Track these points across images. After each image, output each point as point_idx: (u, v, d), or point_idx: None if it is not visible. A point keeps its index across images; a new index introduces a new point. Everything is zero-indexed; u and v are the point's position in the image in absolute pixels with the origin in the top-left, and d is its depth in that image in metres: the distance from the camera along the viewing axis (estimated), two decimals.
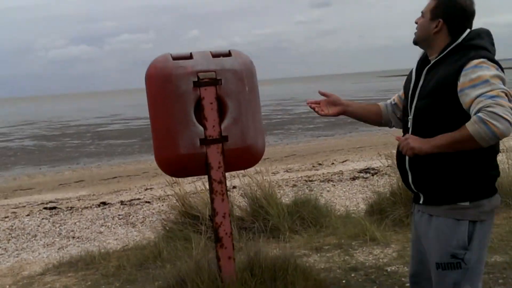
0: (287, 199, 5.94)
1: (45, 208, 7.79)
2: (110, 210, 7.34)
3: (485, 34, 2.27)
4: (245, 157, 2.49)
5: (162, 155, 2.41)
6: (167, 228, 4.51)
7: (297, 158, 12.88)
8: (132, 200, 8.00)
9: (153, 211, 7.02)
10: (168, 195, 8.08)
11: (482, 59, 2.11)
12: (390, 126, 2.63)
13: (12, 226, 6.85)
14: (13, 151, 21.52)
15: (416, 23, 2.34)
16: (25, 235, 6.40)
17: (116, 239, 6.03)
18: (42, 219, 7.13)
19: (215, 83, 2.42)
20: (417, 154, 2.13)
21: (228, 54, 2.48)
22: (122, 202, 7.80)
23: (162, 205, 7.32)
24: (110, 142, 21.93)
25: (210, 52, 2.50)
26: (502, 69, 2.17)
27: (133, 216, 6.93)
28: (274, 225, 4.43)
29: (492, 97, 1.98)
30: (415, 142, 2.13)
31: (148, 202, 7.57)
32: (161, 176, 12.45)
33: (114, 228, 6.49)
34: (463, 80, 2.08)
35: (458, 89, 2.09)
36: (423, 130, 2.21)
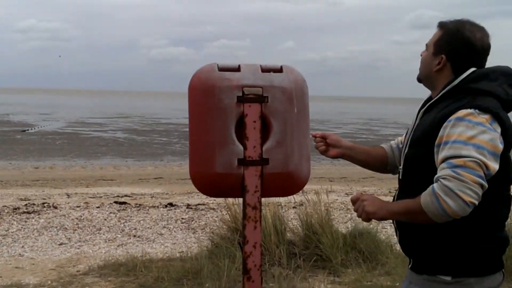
0: (347, 225, 5.59)
1: (115, 202, 7.92)
2: (175, 212, 7.32)
3: (499, 74, 1.83)
4: (286, 183, 2.23)
5: (197, 171, 2.22)
6: (214, 242, 4.33)
7: (375, 181, 12.33)
8: (198, 204, 7.95)
9: (216, 218, 6.90)
10: (234, 204, 7.99)
11: (471, 110, 1.71)
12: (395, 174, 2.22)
13: (81, 216, 7.01)
14: (106, 141, 22.56)
15: (421, 56, 1.98)
16: (91, 227, 6.51)
17: (174, 243, 5.96)
18: (110, 213, 7.24)
19: (261, 100, 2.19)
20: None
21: (279, 70, 2.24)
22: (188, 206, 7.77)
23: (226, 214, 7.18)
24: None
25: (260, 66, 2.27)
26: (506, 127, 1.74)
27: (196, 221, 6.86)
28: (326, 255, 4.11)
29: (455, 166, 1.64)
30: (371, 206, 1.82)
31: (213, 209, 7.47)
32: None
33: (174, 231, 6.44)
34: (441, 133, 1.73)
35: (436, 142, 1.75)
36: (411, 184, 1.88)
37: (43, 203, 7.76)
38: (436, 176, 1.67)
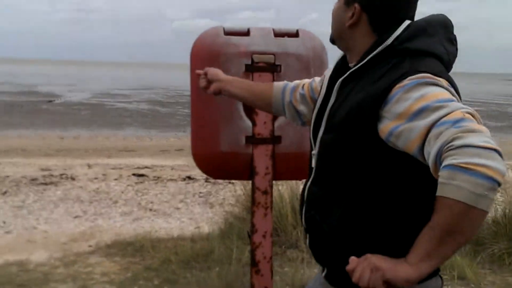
0: None
1: (133, 174, 7.74)
2: (193, 186, 7.09)
3: (438, 26, 1.36)
4: (300, 165, 1.93)
5: (199, 150, 1.94)
6: (227, 221, 4.08)
7: None
8: None
9: (234, 193, 6.66)
10: None
11: (422, 74, 1.23)
12: (288, 118, 1.80)
13: (98, 188, 6.84)
14: (130, 112, 22.47)
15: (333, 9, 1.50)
16: (107, 200, 6.33)
17: (191, 218, 5.75)
18: (128, 185, 7.05)
19: (273, 69, 1.89)
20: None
21: (295, 35, 1.93)
22: (207, 179, 7.53)
23: (240, 190, 6.95)
24: None
25: (273, 29, 1.96)
26: (456, 90, 1.28)
27: (214, 196, 6.62)
28: None
29: (455, 122, 1.10)
30: (392, 270, 1.15)
31: (232, 183, 7.22)
32: None
33: (191, 206, 6.22)
34: (396, 109, 1.21)
35: (389, 125, 1.22)
36: (329, 175, 1.38)
37: (62, 174, 7.62)
38: (434, 152, 1.10)
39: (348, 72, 1.38)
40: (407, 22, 1.34)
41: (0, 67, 79.94)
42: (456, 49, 1.38)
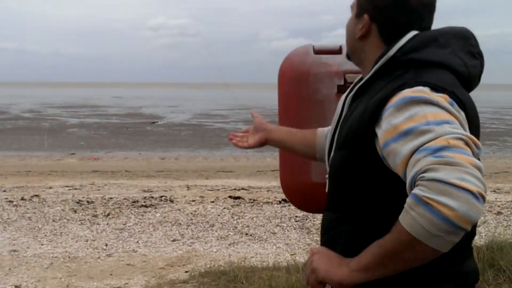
0: (480, 235, 4.78)
1: (230, 197, 7.73)
2: (289, 209, 6.92)
3: (453, 37, 1.25)
4: None
5: (289, 180, 1.77)
6: None
7: (510, 177, 10.95)
8: None
9: None
10: None
11: (419, 88, 1.13)
12: None
13: (196, 211, 6.88)
14: (227, 132, 22.80)
15: None
16: (204, 223, 6.34)
17: (287, 244, 5.58)
18: (224, 208, 7.04)
19: None
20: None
21: None
22: None
23: None
24: None
25: None
26: (469, 112, 1.16)
27: (311, 220, 6.40)
28: None
29: (436, 150, 1.02)
30: (322, 263, 1.23)
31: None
32: None
33: (288, 230, 6.05)
34: (385, 126, 1.14)
35: (380, 142, 1.15)
36: (342, 200, 1.30)
37: (161, 196, 7.79)
38: (409, 178, 1.05)
39: (356, 87, 1.33)
40: (413, 32, 1.26)
41: (110, 91, 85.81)
42: (481, 64, 1.27)
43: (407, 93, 1.13)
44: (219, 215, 6.70)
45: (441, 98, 1.12)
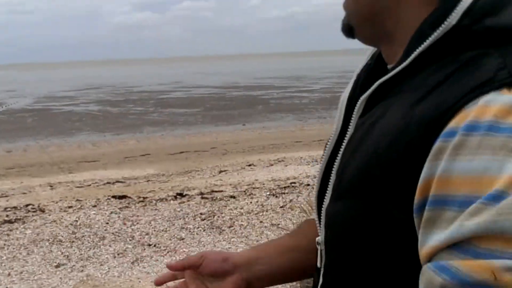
0: None
1: (113, 197, 6.44)
2: (189, 205, 5.91)
3: None
4: None
5: None
6: None
7: None
8: (212, 191, 6.55)
9: (241, 210, 5.55)
10: (253, 187, 6.68)
11: (508, 97, 0.54)
12: None
13: (77, 221, 5.53)
14: (79, 115, 20.74)
15: None
16: (91, 236, 5.07)
17: (203, 249, 4.61)
18: (111, 212, 5.78)
19: None
20: None
21: None
22: (202, 195, 6.35)
23: (251, 202, 5.84)
24: (173, 111, 20.94)
25: None
26: None
27: (218, 216, 5.48)
28: None
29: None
30: None
31: (233, 197, 6.09)
32: (232, 154, 11.19)
33: (197, 233, 5.06)
34: (429, 170, 0.57)
35: (415, 200, 0.58)
36: (342, 279, 0.72)
37: (27, 205, 6.22)
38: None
39: (376, 84, 0.69)
40: None
41: None
42: None
43: (491, 110, 0.56)
44: (107, 223, 5.44)
45: None
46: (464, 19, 0.64)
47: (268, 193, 6.22)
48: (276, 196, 6.04)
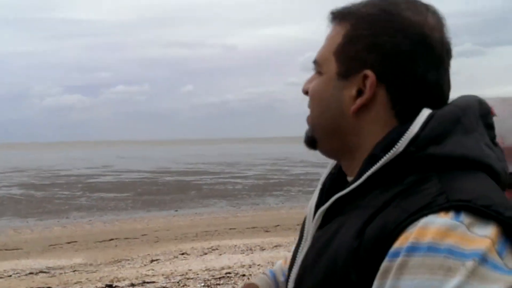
0: None
1: None
2: None
3: (473, 116, 0.78)
4: None
5: None
6: None
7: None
8: (144, 282, 6.29)
9: None
10: (187, 277, 6.50)
11: (450, 220, 0.65)
12: None
13: None
14: (0, 199, 19.63)
15: (306, 92, 0.88)
16: None
17: None
18: None
19: None
20: None
21: None
22: (132, 286, 6.09)
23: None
24: (102, 195, 20.32)
25: None
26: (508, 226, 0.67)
27: None
28: None
29: None
30: None
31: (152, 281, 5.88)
32: (164, 242, 10.88)
33: None
34: (377, 285, 0.68)
35: None
36: None
37: None
38: None
39: (333, 198, 0.79)
40: (427, 110, 0.75)
41: None
42: (502, 153, 0.79)
43: (425, 233, 0.64)
44: None
45: (485, 242, 0.64)
46: (410, 146, 0.73)
47: (202, 284, 6.07)
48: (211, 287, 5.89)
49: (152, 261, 8.25)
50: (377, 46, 0.77)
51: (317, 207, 0.85)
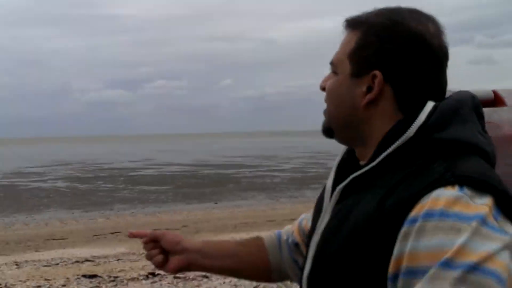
0: None
1: (83, 276, 6.31)
2: (161, 285, 5.83)
3: (469, 107, 0.93)
4: None
5: None
6: None
7: None
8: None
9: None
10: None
11: (455, 192, 0.80)
12: (291, 281, 1.30)
13: None
14: (46, 192, 20.38)
15: (323, 89, 1.03)
16: None
17: None
18: None
19: None
20: None
21: None
22: (174, 274, 6.29)
23: (224, 282, 5.81)
24: (144, 188, 20.76)
25: None
26: (507, 199, 0.82)
27: None
28: None
29: None
30: None
31: (206, 277, 6.05)
32: (204, 233, 11.13)
33: None
34: (398, 249, 0.81)
35: (390, 270, 0.82)
36: None
37: None
38: None
39: (350, 177, 0.94)
40: (431, 103, 0.90)
41: None
42: (491, 139, 0.94)
43: (436, 203, 0.79)
44: None
45: (484, 207, 0.79)
46: (419, 132, 0.88)
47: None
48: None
49: None
50: (384, 50, 0.92)
51: (334, 186, 1.00)
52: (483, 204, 0.80)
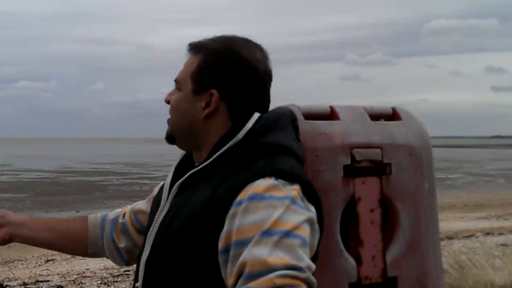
0: None
1: None
2: None
3: (285, 119, 1.18)
4: None
5: None
6: None
7: None
8: (37, 281, 6.11)
9: None
10: (84, 276, 6.38)
11: (272, 180, 1.05)
12: (109, 257, 1.44)
13: None
14: None
15: (168, 102, 1.23)
16: None
17: None
18: None
19: (381, 171, 1.17)
20: None
21: (396, 117, 1.25)
22: (25, 285, 5.89)
23: None
24: None
25: (364, 108, 1.25)
26: (319, 203, 1.10)
27: None
28: None
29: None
30: None
31: (61, 287, 5.76)
32: None
33: None
34: (228, 227, 1.03)
35: (220, 246, 1.03)
36: None
37: None
38: None
39: (188, 173, 1.14)
40: (257, 114, 1.16)
41: None
42: (301, 146, 1.19)
43: (257, 188, 1.03)
44: None
45: (294, 191, 1.05)
46: (246, 136, 1.12)
47: (99, 282, 6.01)
48: (108, 285, 5.85)
49: (47, 261, 8.00)
50: (220, 73, 1.15)
51: (172, 183, 1.20)
52: (292, 189, 1.05)
